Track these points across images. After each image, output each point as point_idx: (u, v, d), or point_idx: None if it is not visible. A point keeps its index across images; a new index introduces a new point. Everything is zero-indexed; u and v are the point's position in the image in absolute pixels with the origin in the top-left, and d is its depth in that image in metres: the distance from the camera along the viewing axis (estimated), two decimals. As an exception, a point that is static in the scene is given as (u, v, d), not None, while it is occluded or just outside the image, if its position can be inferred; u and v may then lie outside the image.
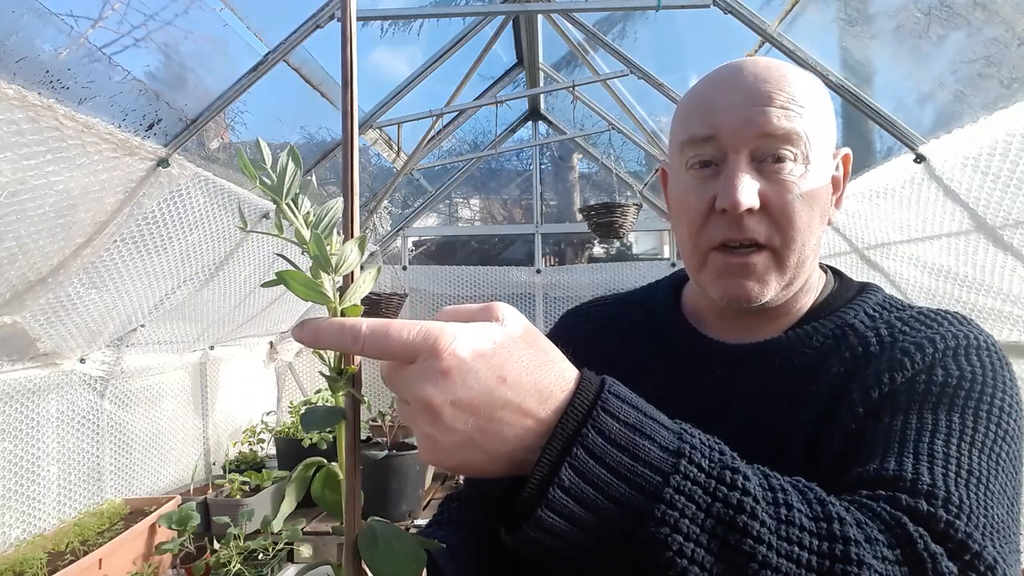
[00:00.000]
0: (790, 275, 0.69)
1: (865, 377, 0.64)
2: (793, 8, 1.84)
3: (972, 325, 0.68)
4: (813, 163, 0.67)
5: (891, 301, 0.73)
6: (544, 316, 3.70)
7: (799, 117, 0.66)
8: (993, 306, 1.85)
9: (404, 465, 2.65)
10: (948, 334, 0.65)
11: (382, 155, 3.31)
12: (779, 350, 0.71)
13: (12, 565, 1.66)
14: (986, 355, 0.64)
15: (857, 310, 0.71)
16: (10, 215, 1.44)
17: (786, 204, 0.66)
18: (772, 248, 0.67)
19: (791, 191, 0.66)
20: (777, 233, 0.66)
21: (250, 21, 1.94)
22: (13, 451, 1.85)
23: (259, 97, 2.15)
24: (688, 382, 0.73)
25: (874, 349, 0.66)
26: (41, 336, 1.83)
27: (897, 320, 0.69)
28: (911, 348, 0.64)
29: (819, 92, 0.70)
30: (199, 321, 2.64)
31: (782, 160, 0.65)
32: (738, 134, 0.66)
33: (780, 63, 0.70)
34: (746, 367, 0.71)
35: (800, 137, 0.65)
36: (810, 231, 0.67)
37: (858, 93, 1.87)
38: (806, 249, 0.68)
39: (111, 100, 1.61)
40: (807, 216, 0.67)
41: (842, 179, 0.74)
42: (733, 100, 0.66)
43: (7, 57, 1.29)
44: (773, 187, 0.66)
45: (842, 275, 0.79)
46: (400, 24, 2.65)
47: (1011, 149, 1.46)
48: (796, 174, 0.66)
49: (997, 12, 1.46)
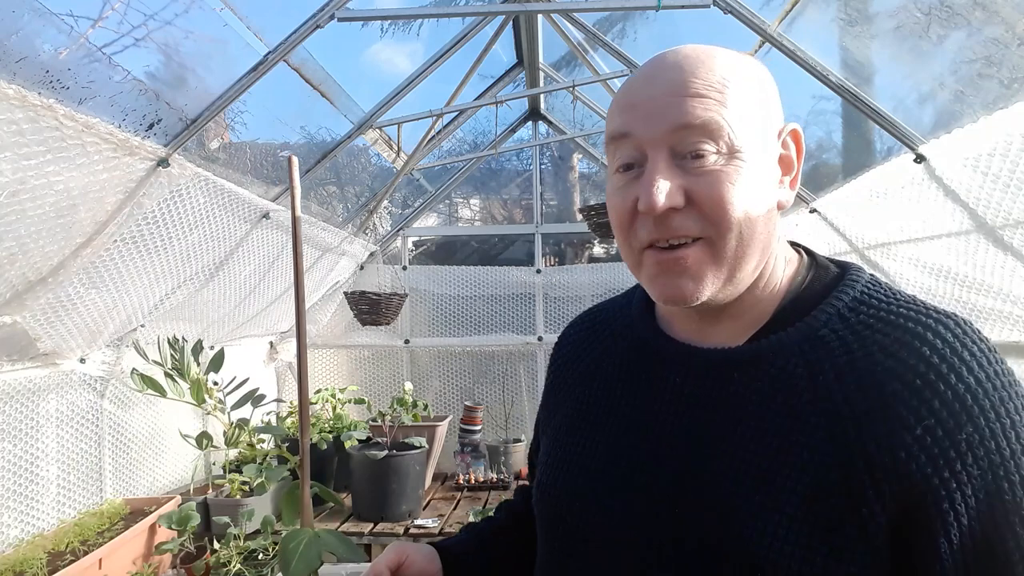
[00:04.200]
0: (728, 268, 0.64)
1: (860, 436, 0.57)
2: (793, 8, 1.84)
3: (959, 330, 0.60)
4: (745, 149, 0.62)
5: (869, 292, 0.66)
6: (544, 316, 3.70)
7: (718, 104, 0.62)
8: (993, 306, 1.85)
9: (404, 465, 2.65)
10: (937, 353, 0.58)
11: (382, 155, 3.31)
12: (740, 363, 0.66)
13: (12, 565, 1.66)
14: (998, 378, 0.58)
15: (830, 313, 0.64)
16: (10, 215, 1.44)
17: (714, 197, 0.62)
18: (707, 239, 0.63)
19: (718, 182, 0.61)
20: (710, 225, 0.62)
21: (250, 21, 1.93)
22: (13, 451, 1.85)
23: (259, 97, 2.15)
24: (652, 389, 0.71)
25: (851, 385, 0.59)
26: (41, 336, 1.83)
27: (876, 329, 0.62)
28: (902, 393, 0.57)
29: (748, 72, 0.65)
30: (199, 321, 2.64)
31: (702, 154, 0.62)
32: (654, 130, 0.63)
33: (707, 48, 0.66)
34: (708, 377, 0.67)
35: (720, 126, 0.61)
36: (749, 220, 0.63)
37: (858, 93, 1.87)
38: (747, 239, 0.63)
39: (111, 100, 1.61)
40: (742, 205, 0.62)
41: (794, 157, 0.68)
42: (649, 93, 0.64)
43: (7, 57, 1.29)
44: (697, 181, 0.62)
45: (817, 260, 0.72)
46: (400, 24, 2.64)
47: (1011, 149, 1.46)
48: (721, 164, 0.62)
49: (997, 12, 1.46)
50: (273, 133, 2.64)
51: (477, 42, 2.61)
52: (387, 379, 3.76)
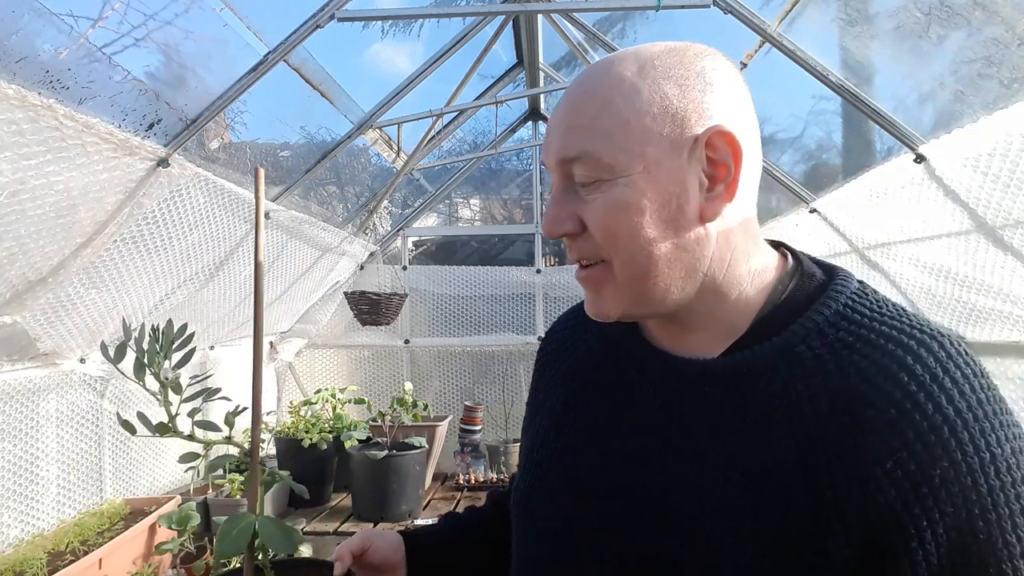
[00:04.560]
0: (631, 288, 0.62)
1: (830, 465, 0.54)
2: (793, 8, 1.84)
3: (943, 353, 0.56)
4: (636, 170, 0.59)
5: (852, 306, 0.61)
6: (544, 316, 3.71)
7: (586, 132, 0.61)
8: (993, 306, 1.85)
9: (404, 465, 2.65)
10: (916, 380, 0.54)
11: (382, 155, 3.31)
12: (713, 377, 0.63)
13: (12, 565, 1.66)
14: (982, 400, 0.54)
15: (808, 328, 0.61)
16: (10, 215, 1.44)
17: (599, 225, 0.61)
18: (608, 261, 0.63)
19: (603, 209, 0.61)
20: (604, 250, 0.62)
21: (250, 21, 1.93)
22: (13, 451, 1.85)
23: (259, 97, 2.15)
24: (626, 396, 0.69)
25: (823, 409, 0.56)
26: (41, 336, 1.83)
27: (854, 348, 0.58)
28: (875, 422, 0.53)
29: (644, 83, 0.60)
30: (199, 321, 2.64)
31: (587, 183, 0.62)
32: (548, 161, 0.65)
33: (603, 64, 0.63)
34: (681, 389, 0.65)
35: (598, 155, 0.60)
36: (649, 242, 0.60)
37: (858, 93, 1.87)
38: (643, 261, 0.61)
39: (111, 100, 1.61)
40: (633, 228, 0.60)
41: (728, 161, 0.61)
42: (550, 123, 0.66)
43: (7, 57, 1.29)
44: (587, 208, 0.62)
45: (803, 266, 0.68)
46: (400, 24, 2.64)
47: (1011, 149, 1.46)
48: (607, 189, 0.61)
49: (997, 12, 1.46)
50: (273, 133, 2.64)
51: (477, 42, 2.61)
52: (387, 379, 3.76)
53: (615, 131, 0.60)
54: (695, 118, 0.60)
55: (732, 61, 0.67)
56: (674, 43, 0.64)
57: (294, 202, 2.74)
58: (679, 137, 0.60)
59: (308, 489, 0.97)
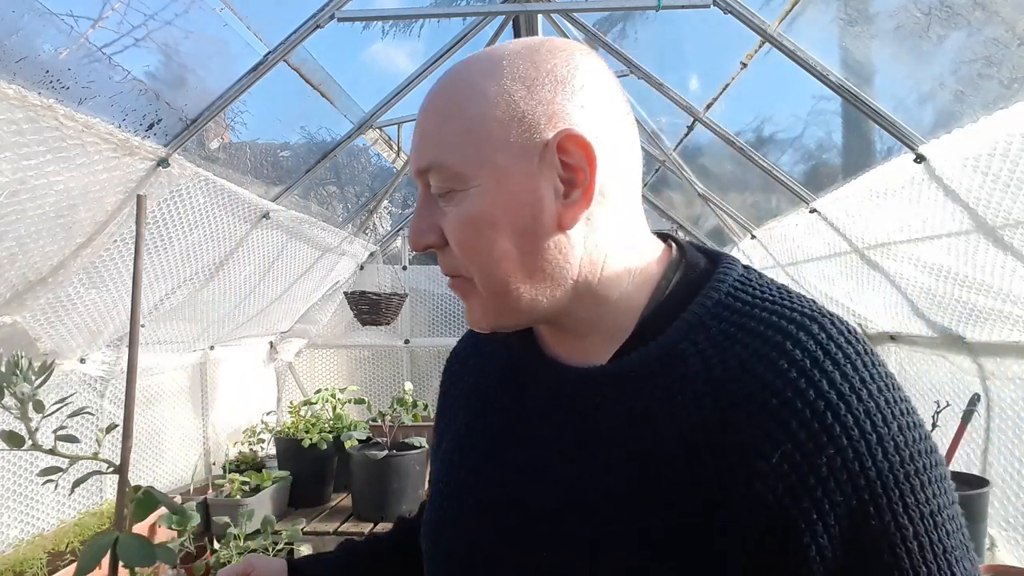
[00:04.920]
0: (494, 300, 0.60)
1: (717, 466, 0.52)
2: (793, 8, 1.84)
3: (823, 335, 0.54)
4: (483, 179, 0.57)
5: (735, 294, 0.59)
6: (544, 316, 3.71)
7: (434, 140, 0.59)
8: (993, 306, 1.85)
9: (404, 465, 2.66)
10: (796, 365, 0.52)
11: (382, 155, 3.31)
12: (601, 384, 0.60)
13: (12, 565, 1.66)
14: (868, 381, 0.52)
15: (690, 322, 0.58)
16: (10, 215, 1.44)
17: (453, 238, 0.59)
18: (468, 276, 0.61)
19: (455, 221, 0.58)
20: (464, 265, 0.60)
21: (250, 21, 1.94)
22: (12, 451, 1.84)
23: (259, 97, 2.15)
24: (521, 410, 0.67)
25: (708, 407, 0.53)
26: (41, 336, 1.83)
27: (736, 339, 0.56)
28: (758, 415, 0.51)
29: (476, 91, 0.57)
30: (199, 321, 2.64)
31: (442, 193, 0.59)
32: (412, 171, 0.63)
33: (453, 71, 0.61)
34: (572, 398, 0.62)
35: (439, 165, 0.58)
36: (502, 255, 0.58)
37: (858, 93, 1.87)
38: (496, 272, 0.58)
39: (111, 100, 1.61)
40: (483, 241, 0.57)
41: (584, 166, 0.56)
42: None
43: (7, 57, 1.29)
44: (444, 220, 0.59)
45: (687, 257, 0.64)
46: (400, 24, 2.64)
47: (1011, 149, 1.46)
48: (458, 201, 0.58)
49: (997, 12, 1.46)
50: (273, 133, 2.64)
51: (477, 42, 2.61)
52: (387, 379, 3.76)
53: (461, 138, 0.57)
54: (544, 121, 0.56)
55: (598, 56, 0.64)
56: (531, 39, 0.61)
57: (294, 202, 2.75)
58: (528, 142, 0.56)
59: (308, 489, 0.97)
